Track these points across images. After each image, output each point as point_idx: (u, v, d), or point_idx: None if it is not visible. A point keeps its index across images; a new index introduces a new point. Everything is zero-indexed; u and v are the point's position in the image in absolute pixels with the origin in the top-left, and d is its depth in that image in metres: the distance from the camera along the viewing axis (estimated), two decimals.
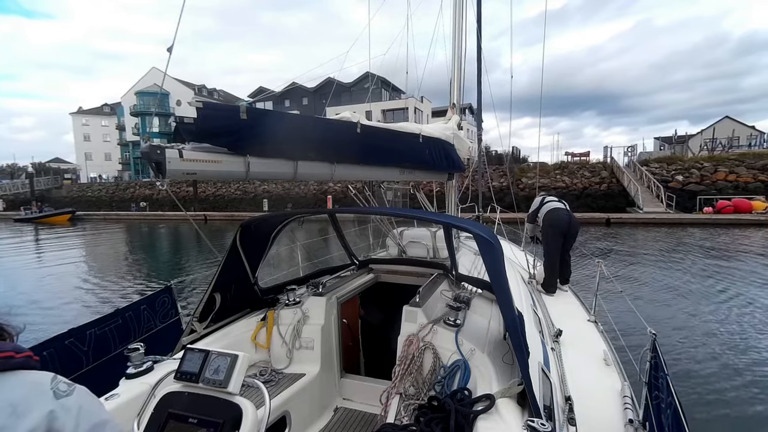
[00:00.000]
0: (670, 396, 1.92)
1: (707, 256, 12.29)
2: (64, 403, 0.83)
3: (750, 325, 6.78)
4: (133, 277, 12.15)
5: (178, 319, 3.47)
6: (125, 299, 9.05)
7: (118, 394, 1.85)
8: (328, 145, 2.72)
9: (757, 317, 7.10)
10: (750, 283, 9.30)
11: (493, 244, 2.08)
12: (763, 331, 6.50)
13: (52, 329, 2.60)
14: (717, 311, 7.49)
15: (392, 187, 4.85)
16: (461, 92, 5.56)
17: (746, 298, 8.16)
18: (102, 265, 14.77)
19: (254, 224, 2.78)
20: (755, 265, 11.04)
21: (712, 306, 7.78)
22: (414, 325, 2.38)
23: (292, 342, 2.76)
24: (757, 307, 7.65)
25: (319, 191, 33.08)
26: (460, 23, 5.45)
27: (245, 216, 9.87)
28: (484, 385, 1.91)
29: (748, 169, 24.29)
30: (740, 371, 5.23)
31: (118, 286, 10.87)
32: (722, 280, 9.52)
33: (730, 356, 5.64)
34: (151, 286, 10.59)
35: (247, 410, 1.52)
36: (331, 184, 29.95)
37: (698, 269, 10.71)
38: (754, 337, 6.26)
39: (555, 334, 3.35)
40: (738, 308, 7.62)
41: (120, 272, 12.91)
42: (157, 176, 1.87)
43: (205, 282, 8.28)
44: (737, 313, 7.33)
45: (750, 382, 4.96)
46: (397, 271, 3.77)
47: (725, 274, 10.08)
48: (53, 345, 2.44)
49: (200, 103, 1.93)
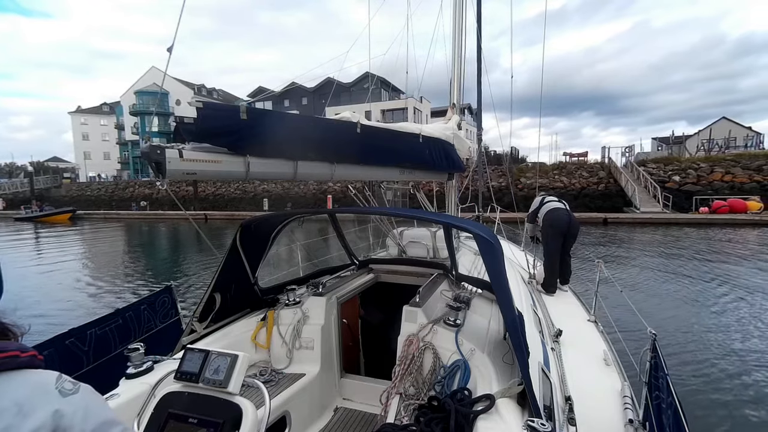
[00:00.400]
0: (670, 396, 1.92)
1: (705, 257, 12.31)
2: (71, 401, 0.83)
3: (750, 324, 6.79)
4: (133, 276, 12.16)
5: (178, 319, 3.47)
6: (122, 300, 9.04)
7: (118, 394, 1.85)
8: (328, 145, 2.72)
9: (757, 317, 7.11)
10: (748, 282, 9.32)
11: (493, 244, 2.08)
12: (763, 330, 6.51)
13: (51, 330, 2.61)
14: (717, 311, 7.50)
15: (392, 187, 4.85)
16: (461, 92, 5.57)
17: (745, 297, 8.17)
18: (102, 264, 14.78)
19: (254, 224, 2.78)
20: (751, 264, 11.06)
21: (712, 306, 7.79)
22: (414, 325, 2.38)
23: (292, 342, 2.75)
24: (758, 306, 7.67)
25: (318, 191, 33.07)
26: (460, 23, 5.45)
27: (245, 215, 9.84)
28: (484, 385, 1.91)
29: (744, 170, 24.41)
30: (741, 371, 5.23)
31: (117, 285, 10.87)
32: (720, 279, 9.53)
33: (730, 356, 5.65)
34: (150, 284, 10.58)
35: (247, 410, 1.52)
36: (331, 183, 29.93)
37: (697, 269, 10.73)
38: (754, 337, 6.27)
39: (555, 334, 3.35)
40: (738, 308, 7.63)
41: (120, 271, 12.91)
42: (157, 176, 1.86)
43: (205, 282, 8.24)
44: (738, 313, 7.35)
45: (750, 382, 4.96)
46: (397, 271, 3.77)
47: (722, 273, 10.11)
48: (54, 345, 2.44)
49: (200, 103, 1.93)
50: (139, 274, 12.67)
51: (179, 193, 35.58)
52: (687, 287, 9.07)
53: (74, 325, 2.62)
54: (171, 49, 2.09)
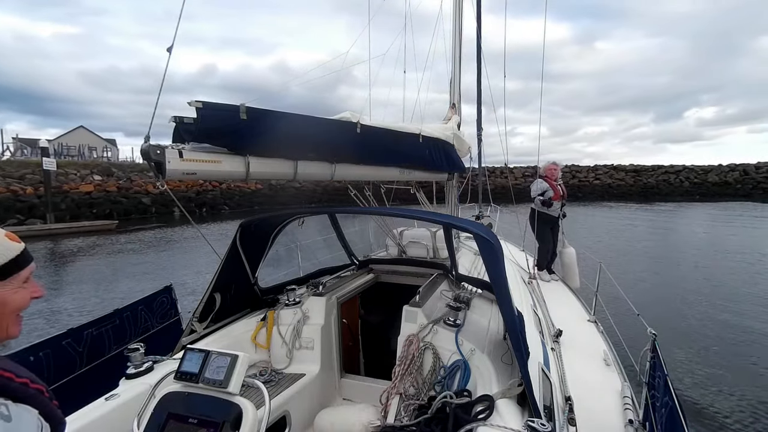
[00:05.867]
0: (670, 396, 1.92)
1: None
2: None
3: (751, 323, 6.79)
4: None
5: (178, 319, 3.47)
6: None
7: (118, 394, 1.85)
8: (328, 145, 2.71)
9: (757, 316, 7.11)
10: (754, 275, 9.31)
11: (493, 244, 2.08)
12: (763, 330, 6.51)
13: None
14: (717, 310, 7.50)
15: (392, 187, 4.85)
16: (459, 92, 5.57)
17: (748, 296, 8.18)
18: None
19: (254, 224, 2.77)
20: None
21: (712, 306, 7.79)
22: (414, 325, 2.37)
23: (292, 342, 2.75)
24: (757, 307, 7.66)
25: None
26: (460, 23, 5.45)
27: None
28: (484, 385, 1.91)
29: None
30: (741, 371, 5.23)
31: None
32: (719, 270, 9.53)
33: (731, 356, 5.65)
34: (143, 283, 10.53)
35: (247, 410, 1.52)
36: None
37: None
38: (754, 336, 6.27)
39: (555, 334, 3.35)
40: (739, 308, 7.63)
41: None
42: (157, 176, 1.86)
43: (205, 282, 8.23)
44: (738, 314, 7.34)
45: (751, 382, 4.96)
46: (397, 271, 3.77)
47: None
48: (50, 346, 2.44)
49: (200, 103, 1.93)
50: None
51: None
52: (687, 286, 9.03)
53: (73, 325, 2.62)
54: (171, 49, 2.09)
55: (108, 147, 44.41)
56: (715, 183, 38.97)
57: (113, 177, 26.97)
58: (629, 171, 42.39)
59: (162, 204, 26.27)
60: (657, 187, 39.80)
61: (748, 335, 6.36)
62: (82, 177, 25.61)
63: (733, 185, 38.16)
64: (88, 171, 26.60)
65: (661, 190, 39.30)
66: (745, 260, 11.71)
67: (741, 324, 6.81)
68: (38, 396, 0.84)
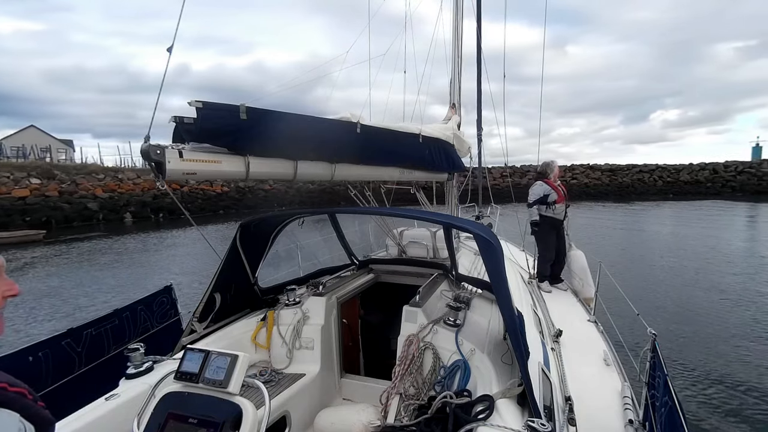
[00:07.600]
0: (670, 396, 1.92)
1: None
2: None
3: (751, 322, 6.79)
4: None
5: (178, 319, 3.47)
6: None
7: (118, 394, 1.85)
8: (328, 145, 2.71)
9: (758, 316, 7.11)
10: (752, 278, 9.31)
11: (493, 244, 2.08)
12: (764, 330, 6.51)
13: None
14: (717, 310, 7.50)
15: (392, 188, 4.84)
16: (459, 92, 5.57)
17: (748, 296, 8.18)
18: None
19: (254, 224, 2.77)
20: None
21: (712, 305, 7.79)
22: (414, 325, 2.37)
23: (292, 342, 2.75)
24: (758, 306, 7.67)
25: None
26: (460, 23, 5.45)
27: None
28: (484, 385, 1.91)
29: None
30: (741, 371, 5.23)
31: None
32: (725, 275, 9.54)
33: (731, 356, 5.65)
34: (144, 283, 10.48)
35: (247, 410, 1.52)
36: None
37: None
38: (755, 336, 6.27)
39: (555, 334, 3.35)
40: (739, 307, 7.63)
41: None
42: (156, 176, 1.86)
43: (205, 282, 8.23)
44: (738, 313, 7.34)
45: (751, 382, 4.96)
46: (397, 271, 3.77)
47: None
48: (49, 346, 2.44)
49: (200, 103, 1.93)
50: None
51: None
52: (688, 285, 9.04)
53: (73, 325, 2.62)
54: (171, 49, 2.09)
55: (63, 148, 41.08)
56: (687, 182, 39.33)
57: (55, 180, 24.10)
58: (605, 170, 42.46)
59: (111, 209, 24.29)
60: (632, 186, 40.01)
61: (748, 335, 6.36)
62: (16, 180, 22.82)
63: (704, 184, 38.52)
64: (25, 173, 23.56)
65: (636, 189, 39.47)
66: (745, 260, 11.72)
67: (741, 323, 6.81)
68: (18, 399, 0.81)
